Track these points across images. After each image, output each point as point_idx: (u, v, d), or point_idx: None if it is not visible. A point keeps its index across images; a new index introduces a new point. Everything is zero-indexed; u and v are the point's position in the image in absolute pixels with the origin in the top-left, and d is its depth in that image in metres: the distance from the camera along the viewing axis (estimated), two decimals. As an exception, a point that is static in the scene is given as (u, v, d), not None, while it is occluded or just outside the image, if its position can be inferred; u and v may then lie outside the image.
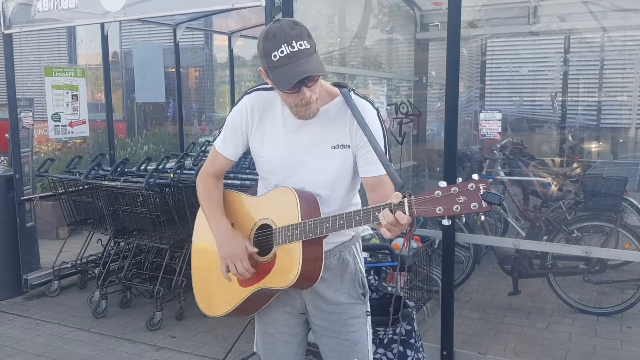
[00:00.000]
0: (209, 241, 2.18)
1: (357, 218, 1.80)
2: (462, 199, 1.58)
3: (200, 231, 2.26)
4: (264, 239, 2.04)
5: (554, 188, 5.44)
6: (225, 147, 2.15)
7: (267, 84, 2.06)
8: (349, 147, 2.00)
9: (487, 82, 8.29)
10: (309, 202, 1.95)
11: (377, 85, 5.49)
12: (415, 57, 6.22)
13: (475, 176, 1.59)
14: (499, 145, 5.87)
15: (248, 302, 2.07)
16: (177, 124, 7.18)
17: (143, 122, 11.90)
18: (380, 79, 5.66)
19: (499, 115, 4.23)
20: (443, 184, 1.62)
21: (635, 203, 5.15)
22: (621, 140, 7.84)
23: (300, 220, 1.91)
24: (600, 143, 7.80)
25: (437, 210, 1.61)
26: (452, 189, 1.60)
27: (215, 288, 2.18)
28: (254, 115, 2.06)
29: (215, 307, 2.17)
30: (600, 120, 8.02)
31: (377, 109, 2.03)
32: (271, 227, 2.01)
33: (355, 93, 2.03)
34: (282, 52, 1.78)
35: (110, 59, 6.28)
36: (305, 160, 2.01)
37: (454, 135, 3.32)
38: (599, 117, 8.03)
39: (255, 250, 2.04)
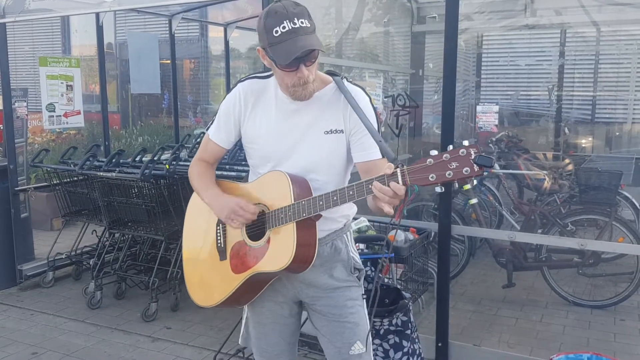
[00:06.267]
0: (199, 230, 2.18)
1: (351, 193, 1.79)
2: (454, 164, 1.58)
3: (190, 221, 2.26)
4: (258, 224, 2.03)
5: (548, 182, 5.46)
6: (218, 135, 2.15)
7: (261, 72, 2.07)
8: (342, 132, 2.01)
9: (482, 76, 8.29)
10: (301, 184, 1.95)
11: (373, 78, 5.48)
12: (412, 50, 6.21)
13: (466, 142, 1.59)
14: (494, 139, 5.87)
15: (242, 290, 2.06)
16: (172, 115, 7.15)
17: (138, 114, 11.85)
18: (376, 72, 5.65)
19: (496, 108, 4.23)
20: (435, 152, 1.62)
21: (630, 197, 5.17)
22: (617, 134, 7.86)
23: (292, 202, 1.91)
24: (594, 137, 7.82)
25: (429, 178, 1.61)
26: (444, 155, 1.60)
27: (208, 277, 2.17)
28: (247, 103, 2.07)
29: (208, 296, 2.15)
30: (595, 115, 8.04)
31: (369, 96, 2.04)
32: (264, 211, 2.01)
33: (347, 80, 2.04)
34: (284, 27, 1.81)
35: (105, 50, 6.22)
36: (298, 145, 2.01)
37: (451, 128, 3.33)
38: (594, 111, 8.04)
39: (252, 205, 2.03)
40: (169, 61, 6.74)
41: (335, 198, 1.83)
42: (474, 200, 4.87)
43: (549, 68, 7.79)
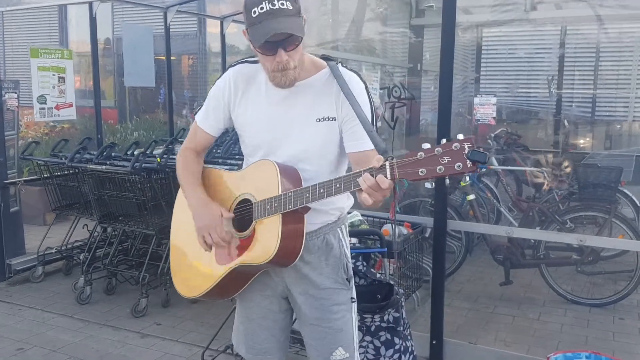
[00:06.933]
0: (187, 221, 2.11)
1: (338, 185, 1.72)
2: (445, 159, 1.50)
3: (178, 213, 2.20)
4: (244, 214, 1.96)
5: (547, 178, 5.39)
6: (206, 121, 2.08)
7: (253, 56, 1.99)
8: (335, 120, 1.93)
9: (481, 72, 8.21)
10: (290, 175, 1.88)
11: (370, 71, 5.40)
12: (410, 44, 6.14)
13: (460, 136, 1.51)
14: (493, 135, 5.80)
15: (225, 282, 1.99)
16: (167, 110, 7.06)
17: (134, 109, 11.78)
18: (374, 65, 5.57)
19: (493, 100, 4.16)
20: (427, 145, 1.54)
21: (630, 194, 5.10)
22: (618, 127, 7.78)
23: (280, 193, 1.83)
24: (594, 135, 7.75)
25: (419, 172, 1.53)
26: (436, 149, 1.52)
27: (193, 268, 2.10)
28: (237, 88, 1.99)
29: (192, 287, 2.09)
30: (595, 112, 7.96)
31: (365, 82, 1.96)
32: (251, 201, 1.93)
33: (343, 65, 1.95)
34: (261, 8, 1.74)
35: (102, 45, 6.13)
36: (289, 133, 1.93)
37: (447, 123, 3.25)
38: (594, 108, 7.97)
39: (232, 215, 1.97)
40: (164, 57, 6.65)
41: (322, 190, 1.75)
42: (471, 197, 4.80)
43: (549, 64, 7.71)
